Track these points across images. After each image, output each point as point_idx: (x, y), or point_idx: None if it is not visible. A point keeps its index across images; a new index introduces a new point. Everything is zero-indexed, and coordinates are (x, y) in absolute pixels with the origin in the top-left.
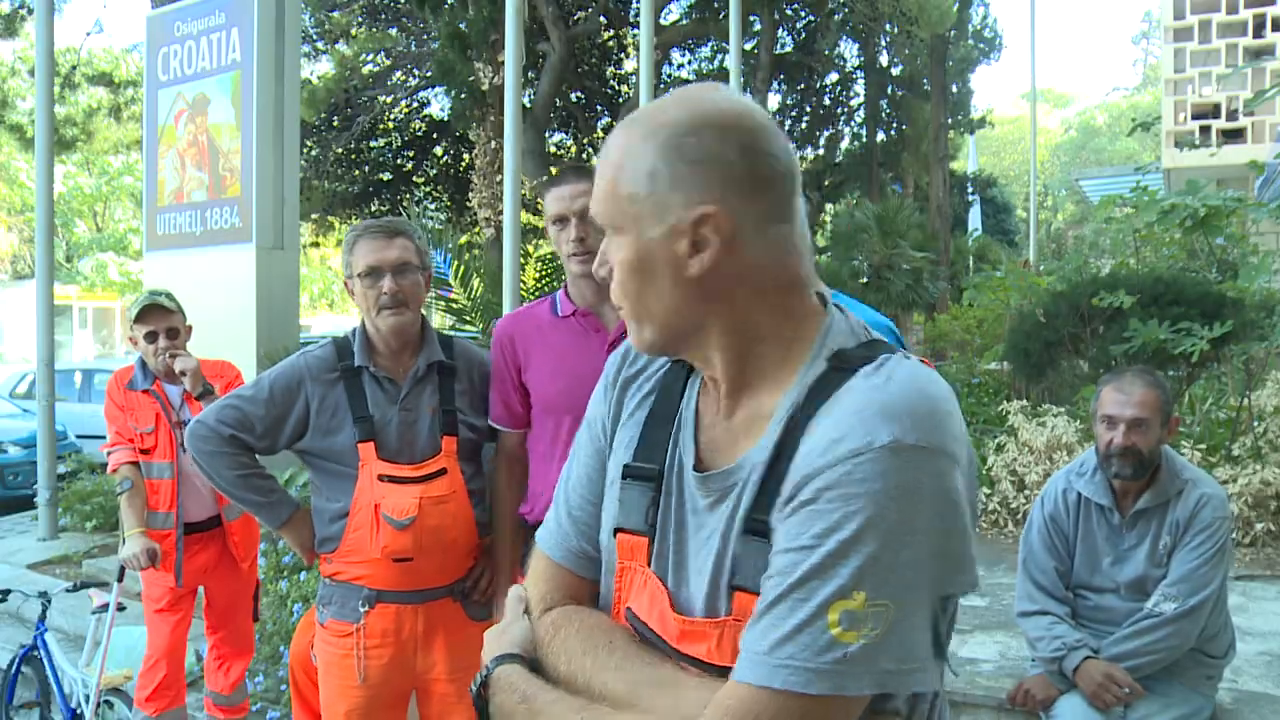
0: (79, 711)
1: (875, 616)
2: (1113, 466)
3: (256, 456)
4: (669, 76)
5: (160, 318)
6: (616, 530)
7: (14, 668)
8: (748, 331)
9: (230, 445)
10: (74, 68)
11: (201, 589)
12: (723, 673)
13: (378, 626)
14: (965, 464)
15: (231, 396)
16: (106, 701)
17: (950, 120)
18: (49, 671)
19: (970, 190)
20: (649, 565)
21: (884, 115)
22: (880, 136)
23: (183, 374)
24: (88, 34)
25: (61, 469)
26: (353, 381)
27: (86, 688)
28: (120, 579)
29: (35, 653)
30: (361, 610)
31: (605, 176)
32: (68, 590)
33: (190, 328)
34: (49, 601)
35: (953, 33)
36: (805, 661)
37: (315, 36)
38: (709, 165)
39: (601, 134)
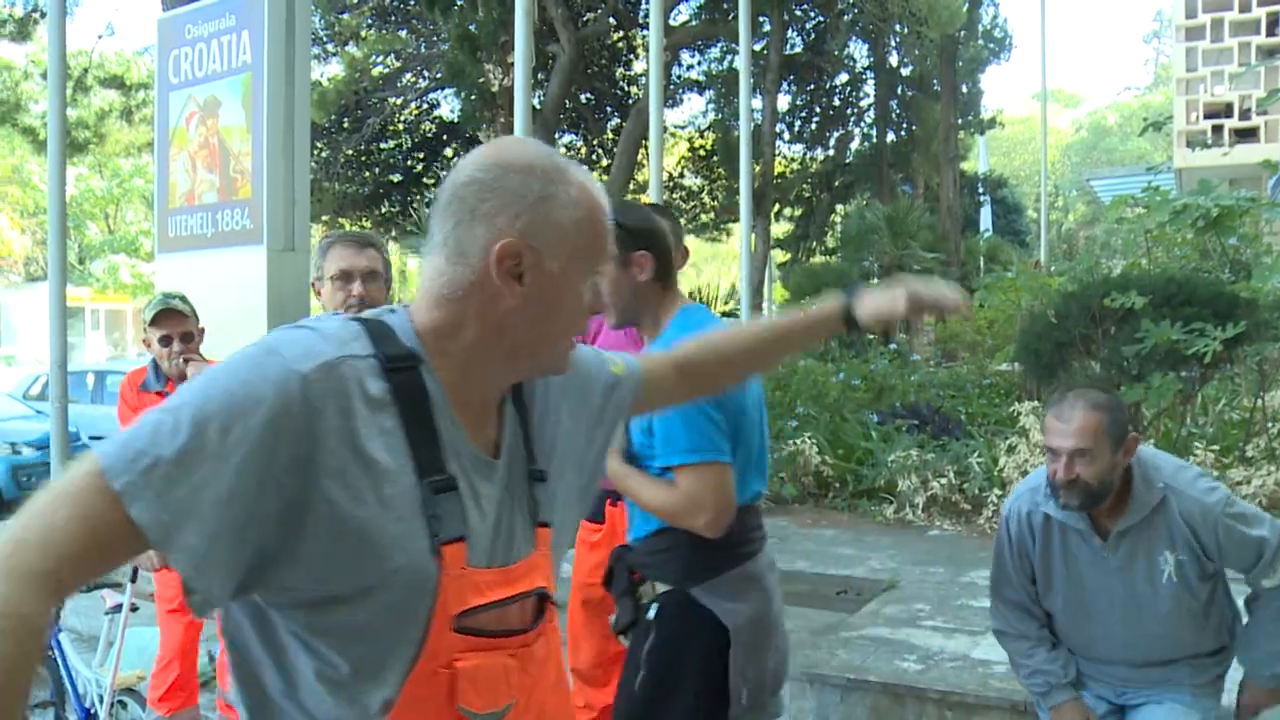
0: (93, 711)
1: None
2: (1061, 498)
3: None
4: (678, 78)
5: (175, 321)
6: (443, 544)
7: None
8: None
9: None
10: (86, 71)
11: None
12: (542, 594)
13: None
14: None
15: None
16: (120, 701)
17: (960, 120)
18: (63, 671)
19: (981, 191)
20: (466, 564)
21: (894, 116)
22: (890, 137)
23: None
24: (99, 37)
25: None
26: None
27: (100, 688)
28: (133, 580)
29: (50, 652)
30: None
31: None
32: (81, 591)
33: (203, 330)
34: (63, 602)
35: (962, 33)
36: None
37: (325, 39)
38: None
39: (611, 135)
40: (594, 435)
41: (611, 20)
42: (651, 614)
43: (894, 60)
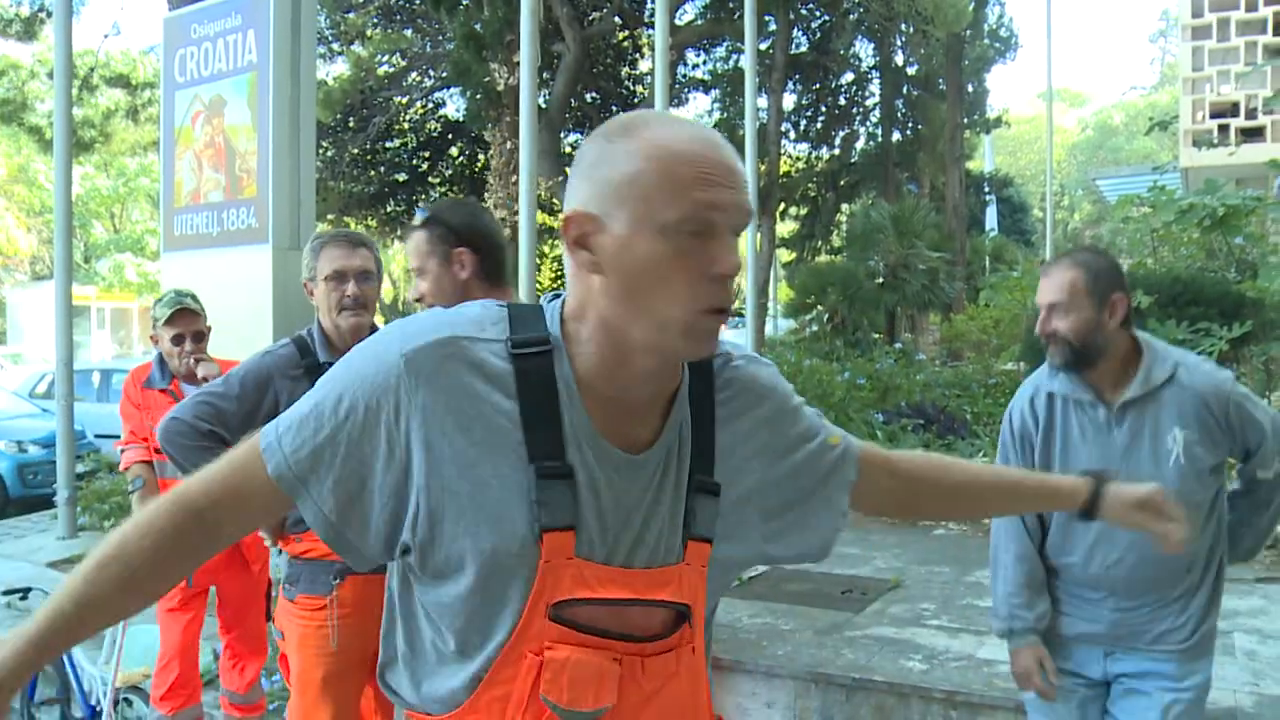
0: (98, 708)
1: None
2: (1049, 358)
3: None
4: (684, 77)
5: (188, 320)
6: (545, 530)
7: None
8: None
9: (207, 439)
10: (92, 70)
11: (214, 589)
12: (680, 607)
13: (349, 596)
14: None
15: (204, 393)
16: (125, 699)
17: (966, 120)
18: (69, 668)
19: (986, 190)
20: (574, 555)
21: (900, 115)
22: (896, 136)
23: (204, 380)
24: (105, 36)
25: (80, 468)
26: (316, 376)
27: (105, 685)
28: None
29: None
30: (332, 583)
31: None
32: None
33: (210, 328)
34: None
35: (968, 32)
36: None
37: (331, 38)
38: None
39: None
40: (791, 490)
41: (616, 19)
42: None
43: (900, 59)
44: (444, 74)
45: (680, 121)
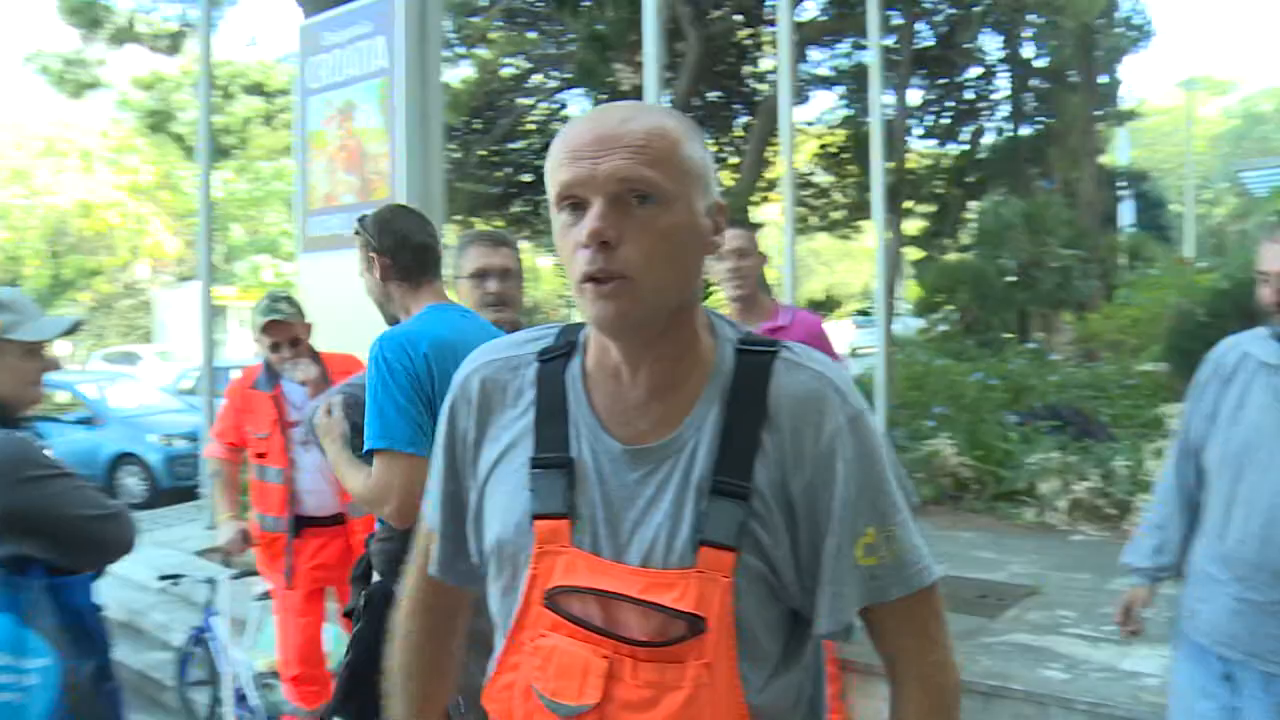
0: (243, 691)
1: None
2: (1275, 323)
3: None
4: (806, 74)
5: (280, 330)
6: (535, 517)
7: (187, 648)
8: (702, 318)
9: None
10: (231, 79)
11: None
12: (685, 616)
13: None
14: None
15: (348, 385)
16: (267, 684)
17: (1100, 112)
18: (217, 654)
19: (1122, 185)
20: (570, 544)
21: (1029, 109)
22: (1025, 130)
23: (305, 383)
24: (244, 47)
25: None
26: None
27: (250, 670)
28: (226, 564)
29: (205, 635)
30: None
31: (664, 142)
32: (232, 578)
33: (309, 326)
34: (215, 587)
35: (1101, 21)
36: None
37: (456, 41)
38: (712, 166)
39: (742, 133)
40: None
41: (738, 17)
42: (363, 602)
43: (1028, 52)
44: (567, 75)
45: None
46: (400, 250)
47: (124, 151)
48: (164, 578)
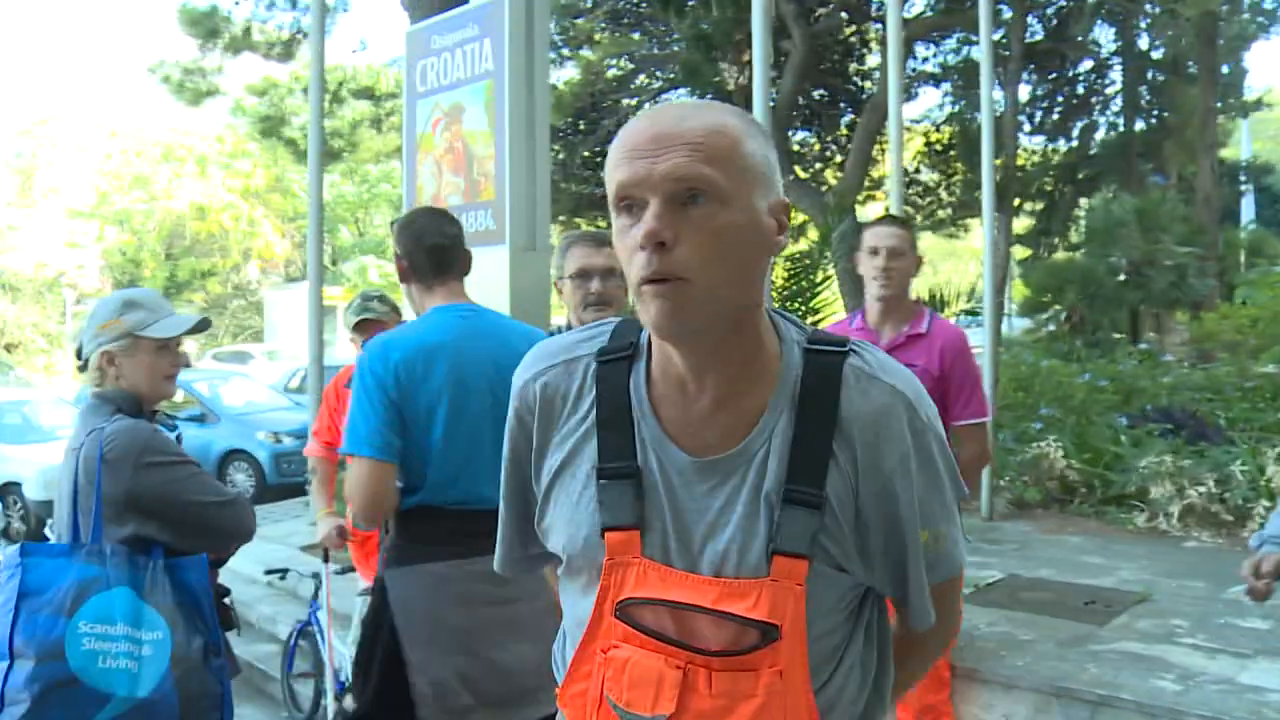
0: (347, 685)
1: None
2: None
3: None
4: (913, 70)
5: (374, 328)
6: (605, 530)
7: (292, 640)
8: (765, 321)
9: None
10: (340, 84)
11: None
12: (760, 625)
13: None
14: None
15: None
16: None
17: (1220, 104)
18: (321, 646)
19: (1243, 179)
20: (641, 554)
21: (1143, 102)
22: (1139, 125)
23: None
24: (353, 52)
25: None
26: None
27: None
28: (325, 560)
29: (310, 628)
30: None
31: (724, 139)
32: (336, 573)
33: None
34: (320, 581)
35: (1224, 8)
36: None
37: (561, 43)
38: (776, 164)
39: (845, 131)
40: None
41: (844, 15)
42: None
43: (1144, 43)
44: (671, 75)
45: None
46: (415, 251)
47: (237, 156)
48: (270, 572)
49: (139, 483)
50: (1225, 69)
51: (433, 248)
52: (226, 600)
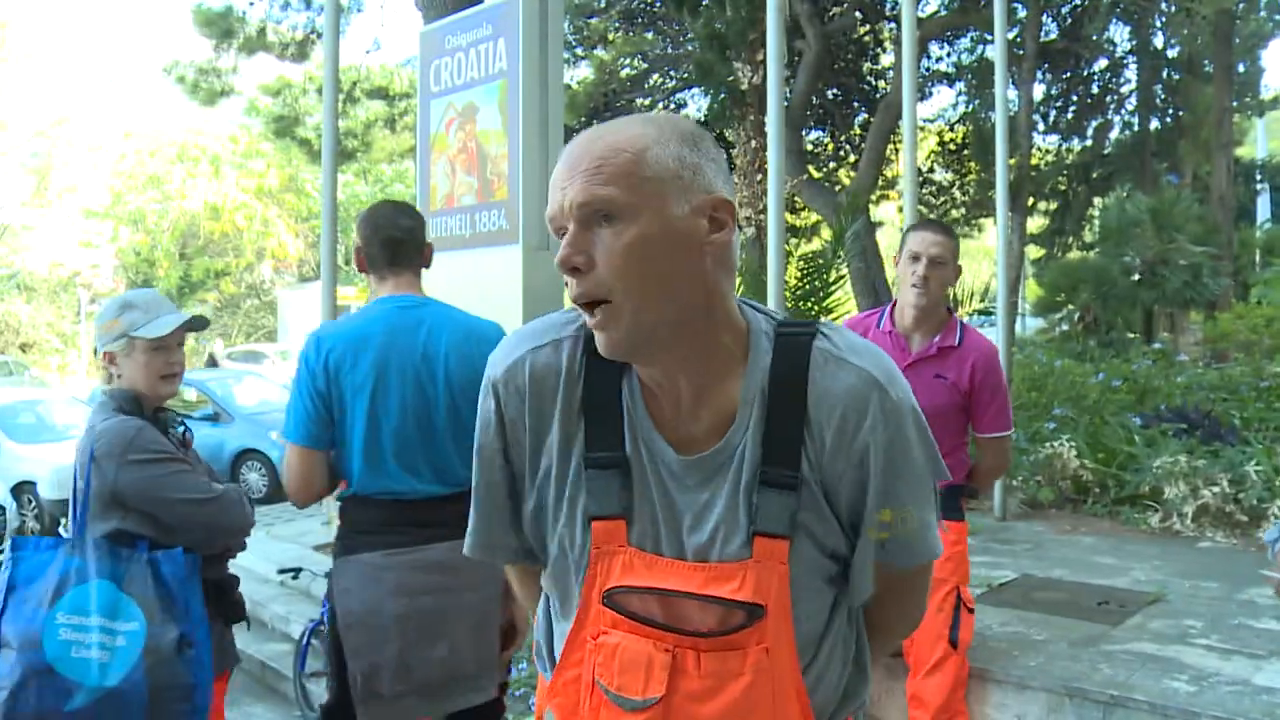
0: None
1: None
2: None
3: None
4: (927, 70)
5: None
6: (592, 519)
7: (305, 640)
8: (725, 317)
9: None
10: (354, 84)
11: None
12: (745, 606)
13: None
14: None
15: None
16: None
17: (1236, 103)
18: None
19: (1259, 178)
20: (627, 543)
21: (1158, 101)
22: (1154, 124)
23: None
24: (367, 52)
25: None
26: None
27: None
28: None
29: (322, 627)
30: None
31: (621, 156)
32: None
33: None
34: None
35: (1240, 6)
36: None
37: (574, 43)
38: (718, 162)
39: (859, 131)
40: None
41: (858, 15)
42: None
43: (1159, 42)
44: (685, 75)
45: None
46: (371, 242)
47: (251, 156)
48: (283, 571)
49: (122, 479)
50: (1241, 67)
51: (386, 240)
52: (235, 592)
